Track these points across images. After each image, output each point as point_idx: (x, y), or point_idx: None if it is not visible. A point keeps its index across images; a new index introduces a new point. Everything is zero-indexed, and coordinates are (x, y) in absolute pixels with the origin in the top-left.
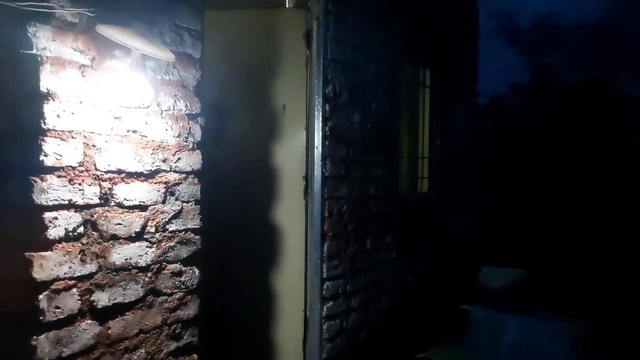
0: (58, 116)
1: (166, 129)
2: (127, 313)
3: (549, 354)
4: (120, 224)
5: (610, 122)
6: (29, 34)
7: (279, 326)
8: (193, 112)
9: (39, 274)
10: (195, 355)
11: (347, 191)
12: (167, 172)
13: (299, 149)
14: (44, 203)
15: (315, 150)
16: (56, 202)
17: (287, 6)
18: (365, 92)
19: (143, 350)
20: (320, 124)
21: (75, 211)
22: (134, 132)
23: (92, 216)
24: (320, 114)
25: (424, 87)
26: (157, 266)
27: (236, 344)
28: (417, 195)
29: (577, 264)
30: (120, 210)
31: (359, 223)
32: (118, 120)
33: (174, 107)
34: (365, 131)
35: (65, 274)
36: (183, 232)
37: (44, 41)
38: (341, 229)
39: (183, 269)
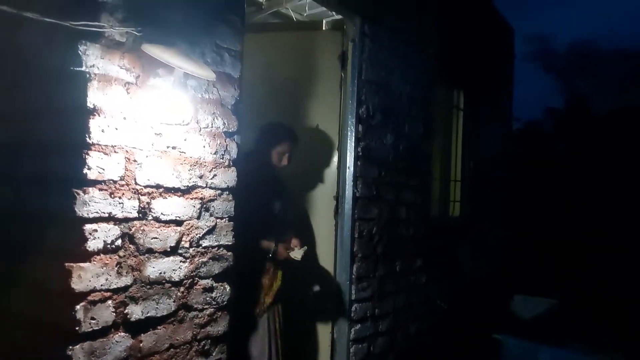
0: (102, 131)
1: (204, 146)
2: (159, 327)
3: None
4: (156, 237)
5: None
6: (79, 51)
7: (306, 347)
8: (230, 130)
9: (77, 284)
10: None
11: (377, 213)
12: (203, 188)
13: (331, 169)
14: (85, 215)
15: (347, 170)
16: (97, 215)
17: (323, 28)
18: (399, 113)
19: None
20: (353, 144)
21: (115, 224)
22: (173, 148)
23: (130, 229)
24: (353, 134)
25: (457, 109)
26: (189, 281)
27: None
28: (449, 219)
29: (614, 294)
30: (157, 224)
31: (388, 245)
32: (159, 136)
33: (212, 124)
34: (397, 153)
35: (102, 285)
36: (216, 248)
37: (93, 59)
38: (371, 250)
39: (214, 284)
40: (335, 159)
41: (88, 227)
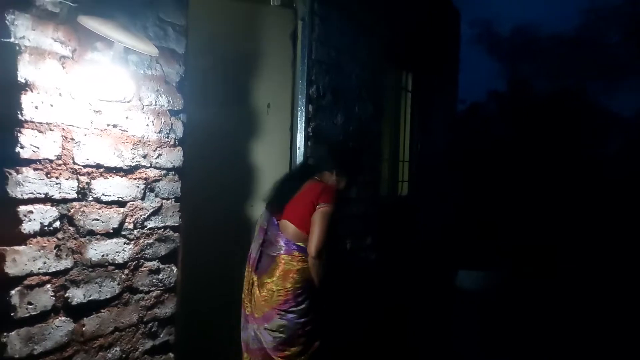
0: (36, 107)
1: (147, 125)
2: (102, 310)
3: None
4: (97, 219)
5: (581, 130)
6: (7, 21)
7: None
8: (175, 108)
9: (11, 268)
10: (171, 354)
11: None
12: (147, 168)
13: (282, 149)
14: (19, 196)
15: (298, 150)
16: (32, 196)
17: (272, 4)
18: (349, 94)
19: (118, 349)
20: (304, 124)
21: (52, 205)
22: (114, 126)
23: (69, 211)
24: (304, 114)
25: (406, 91)
26: (134, 263)
27: (213, 344)
28: (397, 198)
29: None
30: (98, 205)
31: (339, 225)
32: (98, 113)
33: (155, 102)
34: (347, 133)
35: (39, 269)
36: (162, 229)
37: (23, 30)
38: None
39: (161, 266)
40: (286, 138)
41: (22, 208)
